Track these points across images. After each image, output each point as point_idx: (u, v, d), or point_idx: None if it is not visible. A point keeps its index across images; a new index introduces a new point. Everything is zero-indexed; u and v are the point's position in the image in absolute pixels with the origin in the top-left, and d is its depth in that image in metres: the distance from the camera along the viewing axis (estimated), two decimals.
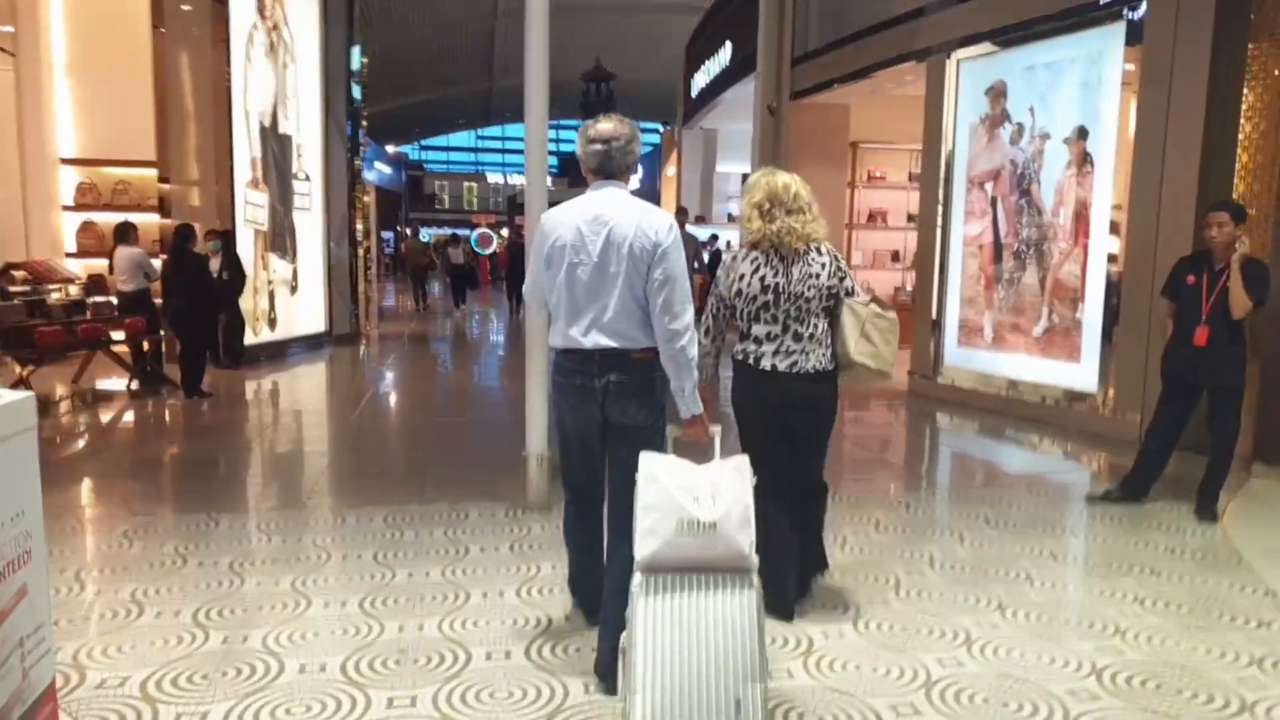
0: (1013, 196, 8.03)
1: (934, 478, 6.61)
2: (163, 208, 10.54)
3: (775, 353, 3.35)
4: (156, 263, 9.54)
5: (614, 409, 2.93)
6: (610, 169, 2.95)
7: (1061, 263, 7.57)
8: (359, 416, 7.69)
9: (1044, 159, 7.69)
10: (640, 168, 30.28)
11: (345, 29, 13.49)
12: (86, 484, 5.57)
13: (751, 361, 3.39)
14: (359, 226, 14.30)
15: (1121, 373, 7.07)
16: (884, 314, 3.38)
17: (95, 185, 11.89)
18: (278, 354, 11.44)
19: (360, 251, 14.33)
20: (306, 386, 9.92)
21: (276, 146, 11.60)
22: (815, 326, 3.36)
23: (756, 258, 3.36)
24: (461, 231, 35.49)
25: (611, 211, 2.89)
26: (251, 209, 11.01)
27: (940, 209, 8.86)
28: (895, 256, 13.20)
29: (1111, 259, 7.26)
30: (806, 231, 3.33)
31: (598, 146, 2.93)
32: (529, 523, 4.69)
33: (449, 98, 37.45)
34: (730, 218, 20.01)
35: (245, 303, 10.60)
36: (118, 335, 8.96)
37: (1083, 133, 7.36)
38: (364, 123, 15.28)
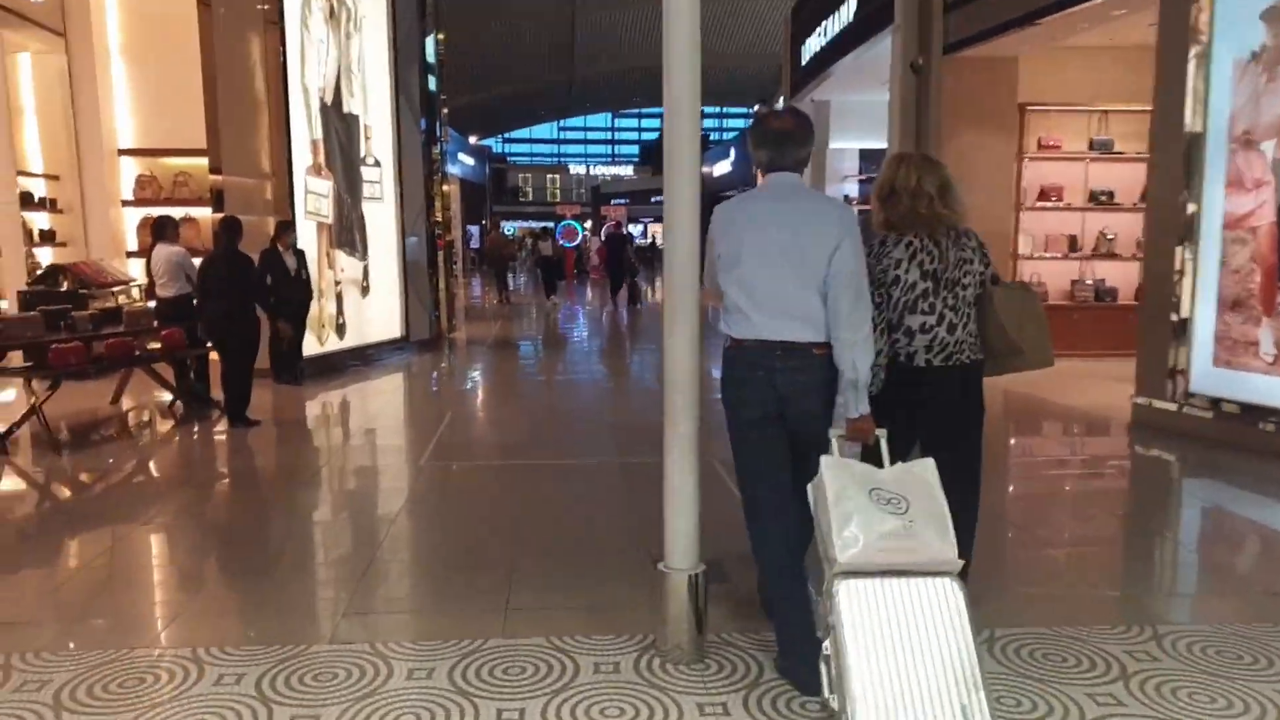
0: None
1: (1200, 577, 4.15)
2: (216, 201, 9.08)
3: (928, 346, 3.15)
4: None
5: (792, 403, 2.88)
6: (786, 162, 2.91)
7: None
8: (429, 461, 5.98)
9: None
10: (733, 151, 28.70)
11: (418, 20, 11.96)
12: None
13: (903, 358, 3.16)
14: (439, 219, 12.73)
15: None
16: (1035, 299, 3.32)
17: (155, 177, 10.71)
18: (346, 365, 9.92)
19: (441, 246, 12.77)
20: (372, 411, 8.32)
21: (340, 127, 10.06)
22: (968, 316, 3.18)
23: (911, 242, 3.13)
24: (548, 224, 34.43)
25: (789, 203, 2.87)
26: (313, 199, 9.49)
27: (1185, 179, 6.70)
28: (1072, 243, 11.00)
29: None
30: (958, 213, 3.16)
31: (773, 141, 2.91)
32: (673, 686, 2.84)
33: (530, 89, 36.78)
34: (847, 199, 17.90)
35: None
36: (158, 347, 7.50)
37: None
38: (444, 110, 13.80)
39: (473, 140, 39.99)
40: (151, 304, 8.05)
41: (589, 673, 2.91)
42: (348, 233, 10.20)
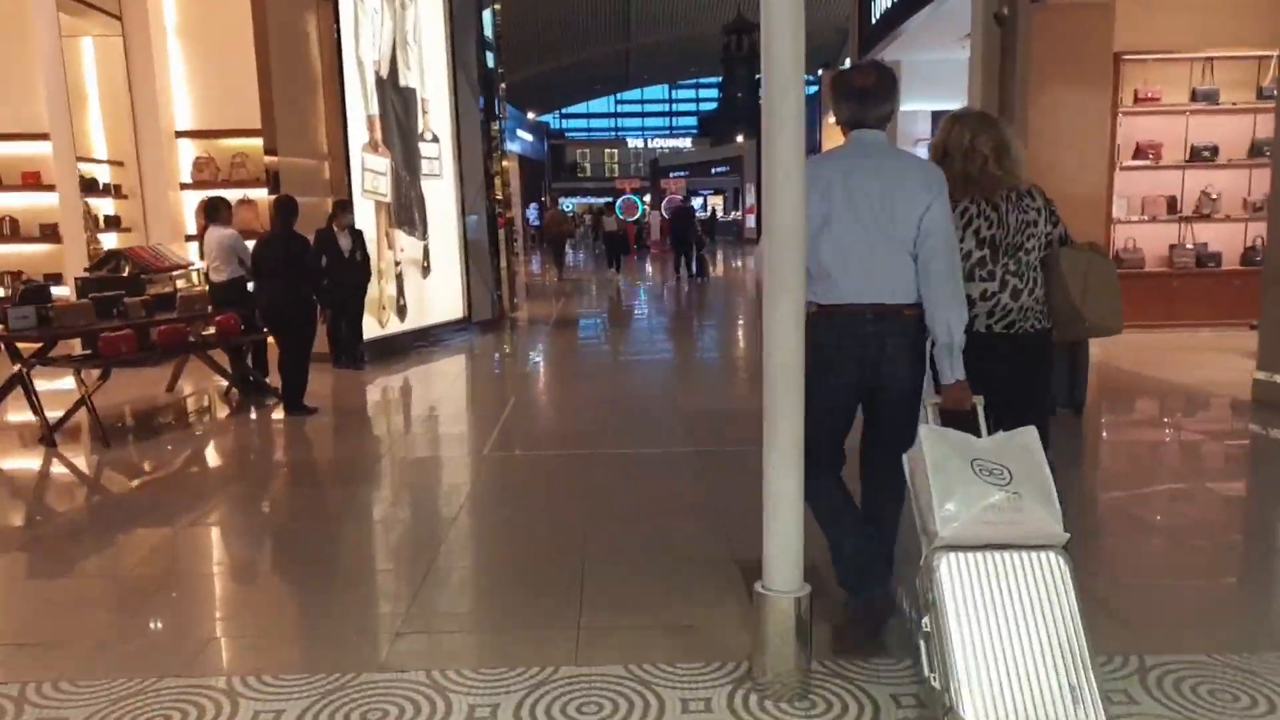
0: None
1: None
2: (272, 182, 8.86)
3: (990, 313, 2.97)
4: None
5: (883, 370, 2.77)
6: (868, 118, 2.78)
7: None
8: (492, 451, 5.65)
9: None
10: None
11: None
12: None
13: None
14: (499, 196, 12.40)
15: None
16: (1106, 261, 3.05)
17: (213, 159, 10.57)
18: (409, 347, 9.67)
19: (501, 225, 12.45)
20: (433, 396, 8.01)
21: (398, 102, 9.76)
22: (1034, 281, 3.00)
23: (966, 208, 2.96)
24: (608, 199, 34.05)
25: (875, 161, 2.75)
26: (371, 177, 9.21)
27: None
28: (1171, 205, 10.18)
29: None
30: (1016, 174, 2.97)
31: (855, 95, 2.79)
32: None
33: (585, 62, 36.37)
34: None
35: (369, 289, 8.84)
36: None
37: None
38: (502, 86, 13.43)
39: (530, 116, 39.74)
40: (205, 288, 7.87)
41: (675, 711, 2.52)
42: (407, 211, 9.93)
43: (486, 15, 12.11)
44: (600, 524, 4.17)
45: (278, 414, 6.72)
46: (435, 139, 10.59)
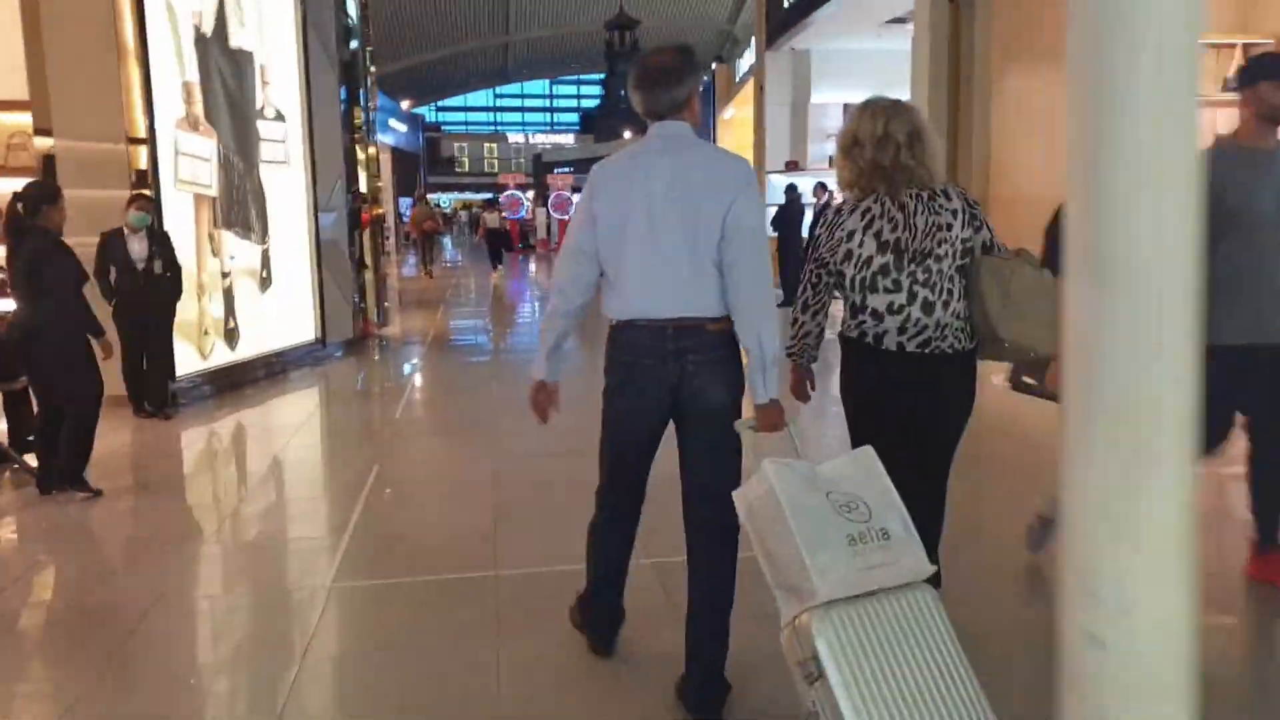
0: None
1: None
2: (46, 170, 6.62)
3: (901, 329, 2.66)
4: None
5: (687, 390, 2.50)
6: (659, 107, 2.52)
7: None
8: (340, 575, 3.76)
9: None
10: None
11: None
12: None
13: (870, 340, 2.69)
14: (363, 189, 10.34)
15: None
16: (1036, 271, 2.67)
17: None
18: (241, 383, 7.55)
19: (366, 222, 10.39)
20: (261, 464, 5.81)
21: (227, 67, 7.62)
22: (950, 293, 2.66)
23: (869, 208, 2.67)
24: (485, 196, 32.24)
25: (674, 157, 2.48)
26: (188, 163, 7.07)
27: None
28: None
29: None
30: (930, 167, 2.66)
31: (643, 81, 2.53)
32: None
33: (463, 54, 35.26)
34: (832, 161, 15.84)
35: (184, 309, 6.73)
36: None
37: None
38: (371, 69, 11.40)
39: (404, 106, 37.24)
40: None
41: None
42: (240, 208, 7.80)
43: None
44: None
45: (34, 499, 4.62)
46: (280, 117, 8.48)
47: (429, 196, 29.38)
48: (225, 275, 7.54)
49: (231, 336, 7.55)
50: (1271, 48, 8.87)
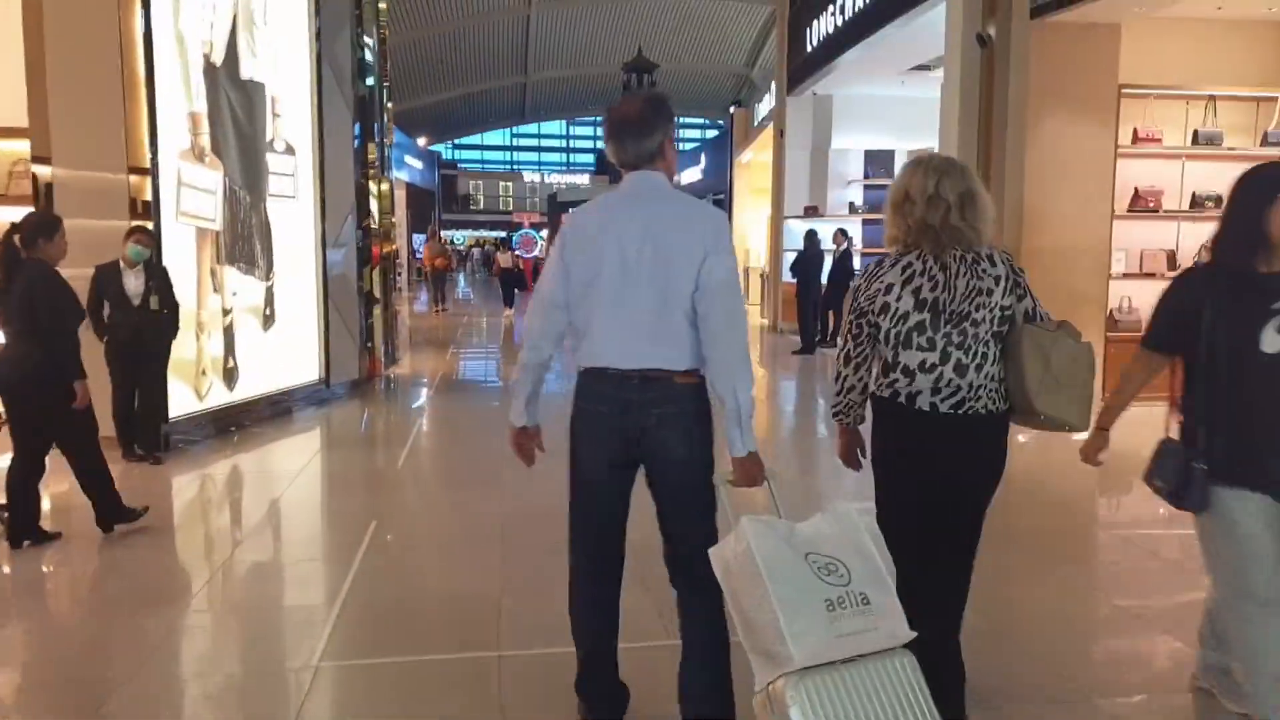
0: None
1: None
2: (45, 199, 6.37)
3: (935, 389, 2.58)
4: None
5: (651, 442, 2.46)
6: (630, 157, 2.51)
7: None
8: (326, 654, 3.40)
9: None
10: (704, 157, 26.63)
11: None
12: None
13: (903, 400, 2.61)
14: (374, 223, 10.09)
15: None
16: (1078, 346, 2.61)
17: None
18: (238, 425, 7.22)
19: (376, 260, 10.13)
20: (251, 519, 5.41)
21: (237, 98, 7.40)
22: (985, 357, 2.59)
23: (910, 264, 2.62)
24: (502, 234, 32.23)
25: (648, 208, 2.48)
26: (192, 195, 6.82)
27: None
28: (1171, 260, 8.79)
29: None
30: (979, 229, 2.60)
31: (613, 131, 2.52)
32: None
33: (482, 94, 35.65)
34: (852, 207, 15.59)
35: (182, 348, 6.43)
36: None
37: None
38: (388, 105, 11.25)
39: (421, 143, 37.36)
40: None
41: None
42: (244, 243, 7.53)
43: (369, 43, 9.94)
44: None
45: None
46: (290, 150, 8.25)
47: (443, 234, 29.33)
48: (227, 312, 7.24)
49: (230, 376, 7.24)
50: None
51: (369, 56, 10.00)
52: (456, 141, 56.92)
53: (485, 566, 4.25)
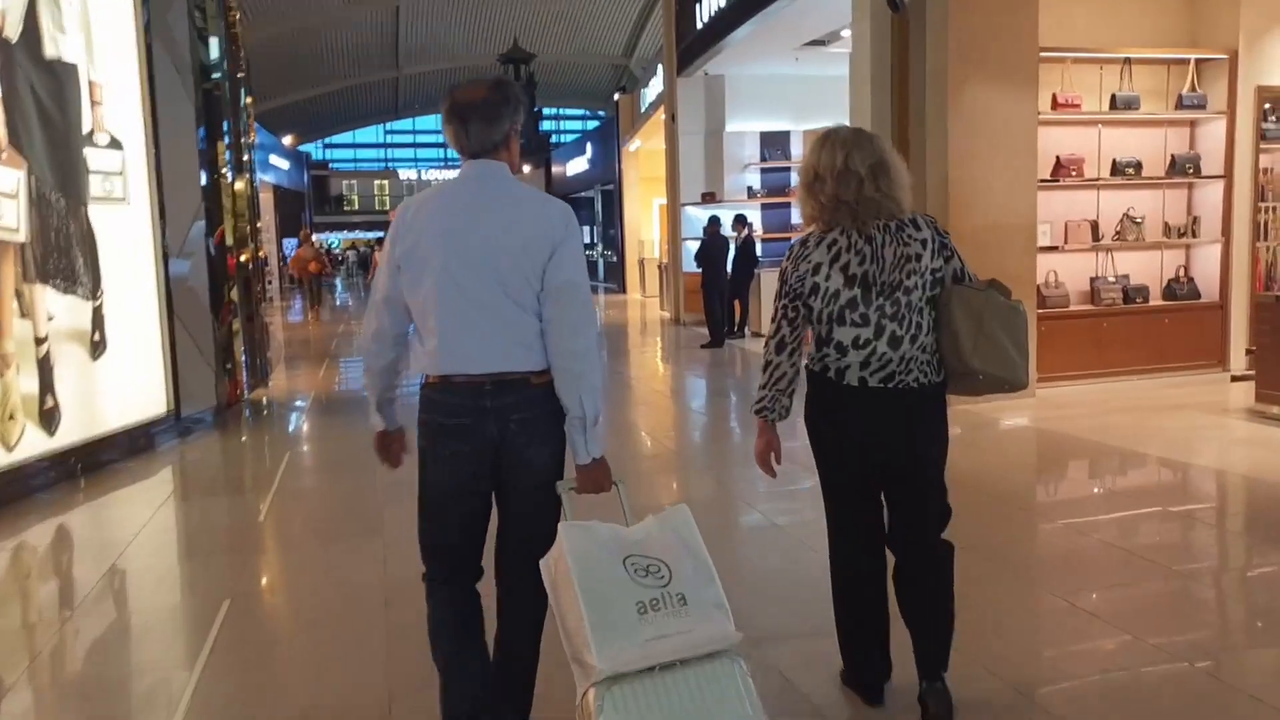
0: None
1: None
2: None
3: (865, 364, 2.55)
4: None
5: (510, 451, 2.32)
6: (473, 144, 2.32)
7: None
8: None
9: None
10: (590, 147, 25.80)
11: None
12: None
13: (833, 375, 2.59)
14: (229, 229, 8.85)
15: None
16: (1011, 303, 2.60)
17: None
18: (61, 480, 5.97)
19: (232, 268, 8.89)
20: (81, 594, 4.20)
21: (41, 82, 6.13)
22: (918, 326, 2.56)
23: (835, 240, 2.57)
24: (378, 235, 31.03)
25: (489, 199, 2.31)
26: None
27: None
28: (1094, 230, 8.49)
29: None
30: (897, 198, 2.56)
31: (454, 116, 2.31)
32: None
33: (352, 89, 34.36)
34: (750, 192, 14.99)
35: None
36: None
37: None
38: (247, 101, 10.05)
39: (287, 142, 35.29)
40: None
41: None
42: (61, 256, 6.25)
43: (213, 42, 8.71)
44: None
45: None
46: (115, 144, 6.97)
47: (315, 236, 27.68)
48: (41, 341, 5.97)
49: (49, 418, 5.97)
50: (1224, 62, 8.41)
51: (215, 44, 8.77)
52: (327, 140, 54.64)
53: (367, 656, 3.30)
